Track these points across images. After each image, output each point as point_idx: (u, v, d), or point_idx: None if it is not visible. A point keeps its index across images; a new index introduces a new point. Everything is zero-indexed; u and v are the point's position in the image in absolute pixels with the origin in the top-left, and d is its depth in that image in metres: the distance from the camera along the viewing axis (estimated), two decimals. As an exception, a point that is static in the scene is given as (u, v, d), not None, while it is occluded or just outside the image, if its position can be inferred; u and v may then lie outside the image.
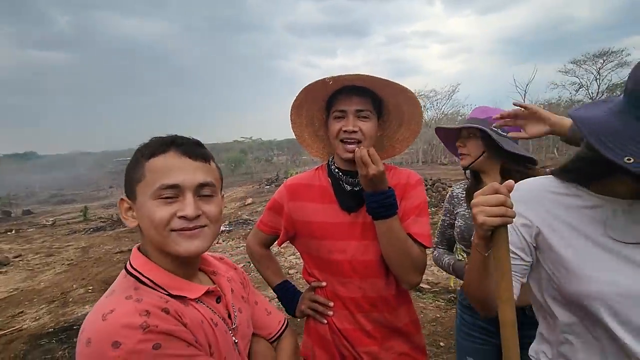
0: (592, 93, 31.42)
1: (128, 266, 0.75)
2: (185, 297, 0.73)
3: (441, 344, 2.94)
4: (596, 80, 31.17)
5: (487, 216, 0.69)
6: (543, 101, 28.61)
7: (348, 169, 1.16)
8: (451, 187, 1.82)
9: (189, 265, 0.79)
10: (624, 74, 32.04)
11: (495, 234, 0.71)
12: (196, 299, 0.75)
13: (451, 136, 1.54)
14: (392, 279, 1.16)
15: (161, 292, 0.71)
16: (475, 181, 1.49)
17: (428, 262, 4.63)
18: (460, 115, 30.79)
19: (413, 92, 1.15)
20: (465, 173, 1.56)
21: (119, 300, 0.67)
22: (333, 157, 1.23)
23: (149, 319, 0.63)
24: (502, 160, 1.40)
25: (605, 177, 0.77)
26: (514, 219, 0.69)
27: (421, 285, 4.19)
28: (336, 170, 1.19)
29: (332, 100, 1.14)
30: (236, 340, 0.80)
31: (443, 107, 32.20)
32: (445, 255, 1.59)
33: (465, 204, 1.49)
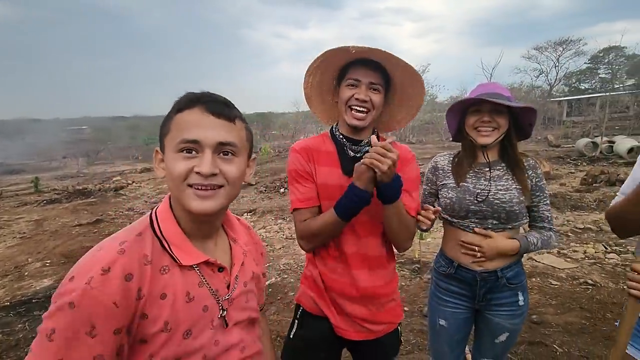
0: (551, 80, 33.11)
1: (154, 209, 0.79)
2: (178, 261, 0.73)
3: (406, 309, 3.14)
4: (555, 67, 32.80)
5: None
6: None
7: (351, 136, 1.24)
8: (420, 165, 1.87)
9: (206, 224, 0.80)
10: (580, 62, 34.07)
11: None
12: (192, 265, 0.75)
13: (461, 109, 1.48)
14: (385, 239, 1.29)
15: (163, 244, 0.73)
16: (467, 155, 1.48)
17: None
18: (430, 95, 31.30)
19: (422, 77, 1.22)
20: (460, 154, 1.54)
21: (113, 244, 0.69)
22: (337, 124, 1.29)
23: (100, 277, 0.63)
24: (511, 140, 1.44)
25: None
26: None
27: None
28: (341, 136, 1.26)
29: (346, 70, 1.20)
30: (223, 312, 0.79)
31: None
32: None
33: (453, 177, 1.49)
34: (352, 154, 1.23)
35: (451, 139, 1.62)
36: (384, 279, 1.30)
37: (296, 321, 1.37)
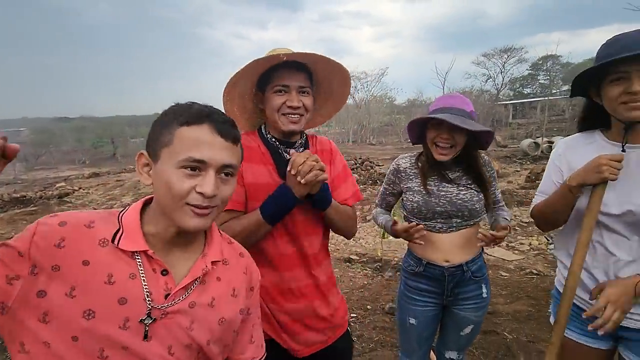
0: (498, 84, 35.49)
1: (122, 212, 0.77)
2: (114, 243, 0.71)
3: (368, 307, 3.19)
4: (501, 73, 35.22)
5: (610, 173, 1.04)
6: (459, 89, 31.50)
7: (285, 139, 1.21)
8: (380, 166, 1.90)
9: (181, 236, 0.77)
10: (523, 69, 36.89)
11: (598, 187, 1.09)
12: (135, 252, 0.71)
13: (422, 120, 1.49)
14: (325, 235, 1.29)
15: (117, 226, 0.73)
16: (429, 159, 1.51)
17: (357, 235, 4.90)
18: (389, 98, 32.37)
19: (349, 72, 1.22)
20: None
21: (90, 212, 0.75)
22: (264, 127, 1.24)
23: (51, 220, 0.69)
24: (472, 148, 1.50)
25: None
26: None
27: (351, 256, 4.45)
28: (273, 139, 1.21)
29: (270, 75, 1.14)
30: (146, 319, 0.69)
31: (373, 89, 33.47)
32: (381, 215, 1.69)
33: (419, 180, 1.52)
34: (287, 156, 1.18)
35: (411, 142, 1.65)
36: (325, 273, 1.28)
37: None
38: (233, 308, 0.81)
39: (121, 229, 0.72)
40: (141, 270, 0.70)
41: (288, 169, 1.03)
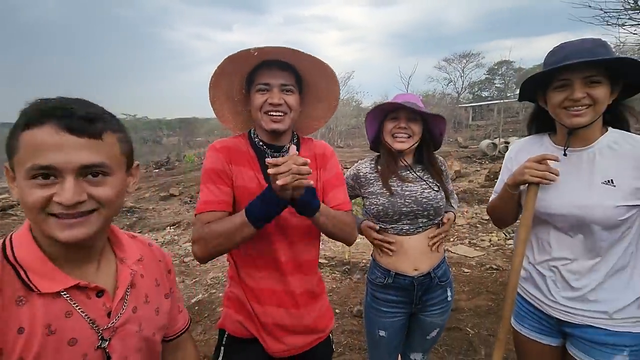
0: (458, 88, 37.16)
1: (10, 234, 0.68)
2: (35, 289, 0.63)
3: (337, 311, 3.18)
4: (461, 77, 36.94)
5: (531, 175, 1.11)
6: (422, 92, 32.64)
7: (272, 142, 1.19)
8: (348, 168, 1.91)
9: (81, 249, 0.69)
10: (480, 73, 38.90)
11: (530, 187, 1.16)
12: (61, 291, 0.65)
13: (380, 116, 1.56)
14: (313, 243, 1.26)
15: (18, 272, 0.63)
16: (388, 161, 1.54)
17: (325, 239, 4.84)
18: (355, 102, 32.80)
19: (332, 68, 1.17)
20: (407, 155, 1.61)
21: None
22: (254, 131, 1.22)
23: None
24: (427, 145, 1.57)
25: None
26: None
27: (319, 260, 4.43)
28: (260, 143, 1.19)
29: (254, 75, 1.14)
30: (103, 343, 0.69)
31: (340, 92, 33.73)
32: None
33: (380, 182, 1.52)
34: None
35: (370, 146, 1.69)
36: (317, 281, 1.28)
37: (222, 349, 1.24)
38: (161, 295, 0.86)
39: (21, 270, 0.63)
40: (74, 304, 0.67)
41: (269, 169, 0.98)
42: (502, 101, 23.60)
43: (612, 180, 1.09)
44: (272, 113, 1.11)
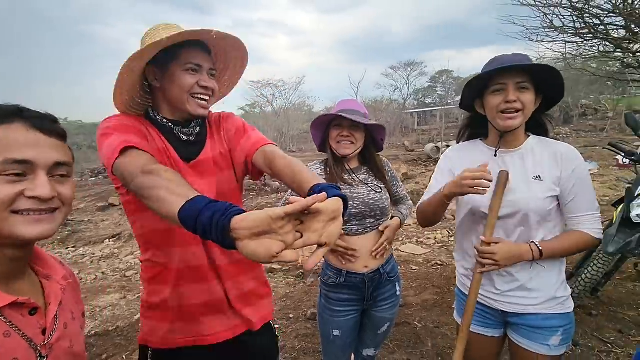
0: (404, 94, 39.07)
1: None
2: None
3: (291, 315, 3.17)
4: (406, 84, 38.89)
5: (469, 187, 1.15)
6: (371, 98, 33.89)
7: (178, 120, 1.08)
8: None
9: (16, 261, 0.67)
10: (424, 81, 41.36)
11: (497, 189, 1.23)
12: None
13: (325, 123, 1.63)
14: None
15: None
16: (335, 165, 1.60)
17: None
18: (307, 106, 33.15)
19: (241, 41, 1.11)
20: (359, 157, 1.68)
21: None
22: (153, 110, 1.09)
23: None
24: (370, 149, 1.65)
25: None
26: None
27: (272, 266, 4.39)
28: (164, 120, 1.07)
29: (173, 52, 1.01)
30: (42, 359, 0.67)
31: (291, 97, 33.93)
32: None
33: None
34: (185, 137, 1.08)
35: (317, 149, 1.74)
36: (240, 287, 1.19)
37: None
38: (80, 313, 0.84)
39: None
40: (10, 324, 0.63)
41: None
42: (443, 107, 25.29)
43: (539, 175, 1.24)
44: (201, 96, 1.04)
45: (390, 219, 1.68)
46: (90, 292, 4.14)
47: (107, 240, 6.33)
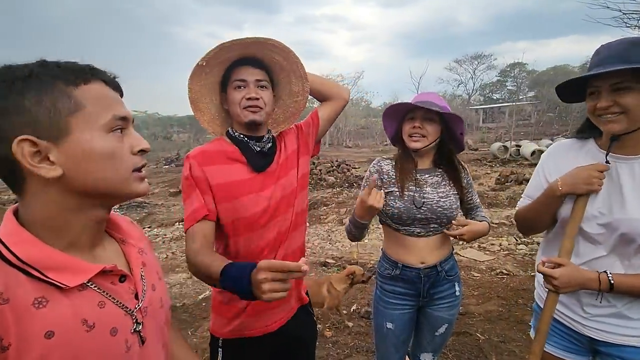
0: (469, 90, 36.78)
1: None
2: (61, 285, 0.57)
3: (344, 312, 3.16)
4: (472, 78, 36.56)
5: (599, 185, 1.06)
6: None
7: (252, 134, 1.22)
8: (356, 168, 1.88)
9: (101, 223, 0.68)
10: (492, 75, 38.49)
11: (580, 197, 1.11)
12: (86, 282, 0.60)
13: (399, 115, 1.54)
14: (302, 229, 1.35)
15: (29, 273, 0.55)
16: (407, 161, 1.53)
17: (333, 239, 4.78)
18: (364, 101, 32.77)
19: (289, 48, 1.20)
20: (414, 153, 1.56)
21: None
22: (232, 128, 1.25)
23: None
24: (447, 147, 1.53)
25: None
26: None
27: (327, 260, 4.42)
28: (241, 136, 1.22)
29: (229, 74, 1.19)
30: (137, 327, 0.67)
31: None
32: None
33: (398, 185, 1.51)
34: (257, 148, 1.21)
35: (387, 142, 1.68)
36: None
37: (219, 350, 1.24)
38: (161, 270, 0.85)
39: (33, 270, 0.56)
40: (104, 292, 0.63)
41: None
42: (514, 104, 23.29)
43: None
44: (249, 107, 1.16)
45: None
46: (162, 269, 4.53)
47: (177, 223, 6.88)
